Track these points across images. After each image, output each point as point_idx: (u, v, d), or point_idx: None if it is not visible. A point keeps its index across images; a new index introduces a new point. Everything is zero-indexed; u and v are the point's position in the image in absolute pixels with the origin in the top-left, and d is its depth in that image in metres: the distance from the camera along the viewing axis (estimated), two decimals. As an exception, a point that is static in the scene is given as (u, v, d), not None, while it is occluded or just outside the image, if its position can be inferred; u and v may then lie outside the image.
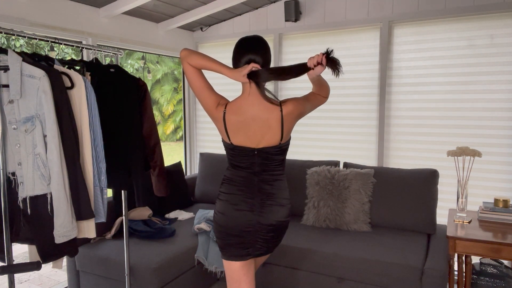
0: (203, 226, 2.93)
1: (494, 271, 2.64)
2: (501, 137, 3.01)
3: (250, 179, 1.77)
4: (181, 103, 4.54)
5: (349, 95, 3.57)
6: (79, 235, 2.00)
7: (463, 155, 2.55)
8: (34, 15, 2.68)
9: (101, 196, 2.09)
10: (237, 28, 3.99)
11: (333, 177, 3.05)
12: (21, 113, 1.82)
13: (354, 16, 3.45)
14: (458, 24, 3.11)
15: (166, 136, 14.32)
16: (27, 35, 2.03)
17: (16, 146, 1.84)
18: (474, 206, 3.00)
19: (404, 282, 2.36)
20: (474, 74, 3.08)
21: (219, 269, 2.79)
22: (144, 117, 2.36)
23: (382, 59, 3.37)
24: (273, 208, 1.78)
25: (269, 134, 1.72)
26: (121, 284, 2.58)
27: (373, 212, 2.99)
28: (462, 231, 2.35)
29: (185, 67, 1.75)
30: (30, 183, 1.85)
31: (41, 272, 3.42)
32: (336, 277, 2.58)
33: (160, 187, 2.46)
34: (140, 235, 2.85)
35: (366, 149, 3.53)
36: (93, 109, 2.04)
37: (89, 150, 1.99)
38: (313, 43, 3.69)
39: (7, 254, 1.88)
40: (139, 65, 12.95)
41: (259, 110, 1.71)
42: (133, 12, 3.36)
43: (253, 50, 1.75)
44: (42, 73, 1.79)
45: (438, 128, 3.22)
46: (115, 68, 2.33)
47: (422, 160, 3.29)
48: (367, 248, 2.59)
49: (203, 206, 3.67)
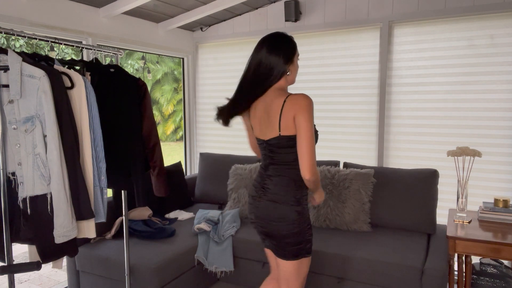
0: (203, 226, 2.93)
1: (494, 271, 2.64)
2: (501, 137, 3.01)
3: (261, 173, 1.89)
4: (181, 103, 4.54)
5: (349, 95, 3.57)
6: (79, 235, 2.00)
7: (463, 155, 2.54)
8: (34, 15, 2.68)
9: (101, 196, 2.09)
10: (237, 28, 3.99)
11: (333, 177, 3.05)
12: (21, 113, 1.82)
13: (354, 16, 3.45)
14: (458, 24, 3.11)
15: (166, 136, 14.33)
16: (27, 35, 2.03)
17: (16, 146, 1.84)
18: (474, 206, 3.00)
19: (404, 282, 2.36)
20: (474, 74, 3.07)
21: (219, 269, 2.79)
22: (144, 117, 2.36)
23: (382, 59, 3.37)
24: (262, 203, 1.82)
25: (271, 124, 1.77)
26: (121, 284, 2.58)
27: (373, 212, 2.99)
28: (462, 231, 2.35)
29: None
30: (30, 183, 1.85)
31: (41, 272, 3.42)
32: (336, 277, 2.58)
33: (160, 187, 2.46)
34: (140, 235, 2.85)
35: (366, 149, 3.53)
36: (93, 109, 2.04)
37: (89, 150, 1.99)
38: (313, 43, 3.69)
39: (7, 254, 1.89)
40: (139, 65, 12.95)
41: (267, 99, 1.78)
42: (133, 12, 3.36)
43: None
44: (42, 73, 1.79)
45: (438, 128, 3.22)
46: (115, 68, 2.33)
47: (422, 160, 3.29)
48: (367, 248, 2.59)
49: (203, 206, 3.67)
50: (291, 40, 1.82)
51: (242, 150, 4.07)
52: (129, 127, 2.29)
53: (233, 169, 3.46)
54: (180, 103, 13.46)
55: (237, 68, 4.10)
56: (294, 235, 1.78)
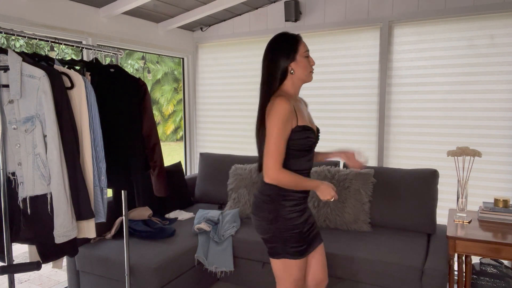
0: (203, 226, 2.94)
1: (494, 271, 2.64)
2: (501, 137, 3.01)
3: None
4: (181, 103, 4.54)
5: (349, 95, 3.57)
6: (79, 235, 2.00)
7: (463, 155, 2.54)
8: (34, 15, 2.68)
9: (101, 196, 2.09)
10: (237, 28, 3.99)
11: (333, 177, 3.05)
12: (21, 113, 1.82)
13: (354, 16, 3.45)
14: (458, 24, 3.11)
15: (166, 136, 14.33)
16: (27, 35, 2.03)
17: (16, 146, 1.84)
18: (474, 206, 3.00)
19: (404, 282, 2.36)
20: (474, 74, 3.07)
21: (219, 269, 2.79)
22: (144, 117, 2.36)
23: (382, 59, 3.37)
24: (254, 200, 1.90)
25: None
26: (121, 284, 2.58)
27: (373, 212, 2.99)
28: (462, 231, 2.35)
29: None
30: (30, 183, 1.85)
31: (41, 272, 3.42)
32: (336, 277, 2.58)
33: (160, 187, 2.46)
34: (140, 235, 2.85)
35: (366, 149, 3.53)
36: (93, 109, 2.04)
37: (89, 150, 1.99)
38: (313, 43, 3.69)
39: (7, 254, 1.88)
40: (139, 65, 12.95)
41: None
42: (133, 12, 3.36)
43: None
44: (42, 73, 1.79)
45: (438, 128, 3.22)
46: (115, 68, 2.33)
47: (422, 160, 3.29)
48: (367, 248, 2.59)
49: (203, 206, 3.67)
50: (290, 37, 1.78)
51: (242, 150, 4.07)
52: (129, 127, 2.29)
53: (233, 169, 3.46)
54: (180, 103, 13.46)
55: (237, 68, 4.10)
56: (266, 232, 1.81)
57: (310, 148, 1.81)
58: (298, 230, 1.80)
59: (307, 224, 1.86)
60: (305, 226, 1.84)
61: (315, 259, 1.95)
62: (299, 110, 1.76)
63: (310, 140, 1.78)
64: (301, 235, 1.81)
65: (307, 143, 1.77)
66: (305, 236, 1.83)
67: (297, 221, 1.80)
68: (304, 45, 1.79)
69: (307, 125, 1.77)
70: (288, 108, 1.68)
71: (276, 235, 1.79)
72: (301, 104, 1.86)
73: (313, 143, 1.82)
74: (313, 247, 1.90)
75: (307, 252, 1.84)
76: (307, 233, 1.84)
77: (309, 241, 1.86)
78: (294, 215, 1.79)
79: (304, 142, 1.75)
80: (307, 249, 1.85)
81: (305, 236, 1.83)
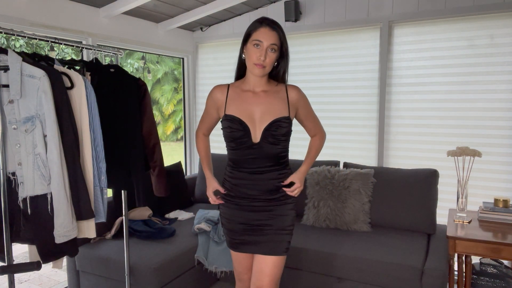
0: (203, 226, 2.93)
1: (494, 271, 2.64)
2: (501, 137, 3.01)
3: None
4: (181, 103, 4.54)
5: (349, 95, 3.57)
6: (79, 235, 2.00)
7: (463, 155, 2.55)
8: (34, 15, 2.68)
9: (101, 196, 2.09)
10: (237, 28, 3.99)
11: (333, 177, 3.05)
12: (21, 113, 1.82)
13: (354, 16, 3.45)
14: (458, 24, 3.11)
15: (166, 136, 14.32)
16: (27, 35, 2.03)
17: (16, 146, 1.84)
18: (474, 206, 3.00)
19: (404, 282, 2.36)
20: (474, 74, 3.07)
21: (219, 269, 2.79)
22: (144, 117, 2.36)
23: (382, 59, 3.37)
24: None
25: None
26: (121, 284, 2.58)
27: (373, 212, 2.99)
28: (462, 231, 2.35)
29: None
30: (30, 183, 1.85)
31: (41, 272, 3.42)
32: (336, 277, 2.58)
33: (160, 187, 2.46)
34: (140, 235, 2.85)
35: (366, 149, 3.53)
36: (93, 109, 2.04)
37: (89, 150, 1.99)
38: (313, 43, 3.69)
39: (7, 254, 1.89)
40: (139, 65, 12.94)
41: None
42: (133, 12, 3.36)
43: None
44: (42, 73, 1.79)
45: (438, 128, 3.22)
46: (115, 68, 2.33)
47: (422, 160, 3.29)
48: (367, 248, 2.59)
49: (203, 206, 3.67)
50: (253, 22, 1.72)
51: (242, 150, 4.07)
52: (129, 127, 2.29)
53: (233, 169, 3.45)
54: (180, 103, 13.46)
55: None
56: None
57: (233, 140, 1.75)
58: (224, 218, 1.90)
59: (235, 217, 1.85)
60: (232, 219, 1.85)
61: (257, 263, 1.85)
62: (233, 99, 1.77)
63: (232, 132, 1.73)
64: (225, 225, 1.90)
65: (228, 134, 1.75)
66: (229, 228, 1.88)
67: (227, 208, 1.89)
68: (260, 33, 1.65)
69: (233, 115, 1.73)
70: (212, 94, 1.83)
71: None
72: (257, 94, 1.76)
73: (238, 136, 1.72)
74: (244, 248, 1.85)
75: (233, 246, 1.86)
76: (230, 225, 1.87)
77: (236, 235, 1.85)
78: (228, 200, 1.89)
79: (226, 132, 1.77)
80: (233, 243, 1.87)
81: (229, 228, 1.87)
